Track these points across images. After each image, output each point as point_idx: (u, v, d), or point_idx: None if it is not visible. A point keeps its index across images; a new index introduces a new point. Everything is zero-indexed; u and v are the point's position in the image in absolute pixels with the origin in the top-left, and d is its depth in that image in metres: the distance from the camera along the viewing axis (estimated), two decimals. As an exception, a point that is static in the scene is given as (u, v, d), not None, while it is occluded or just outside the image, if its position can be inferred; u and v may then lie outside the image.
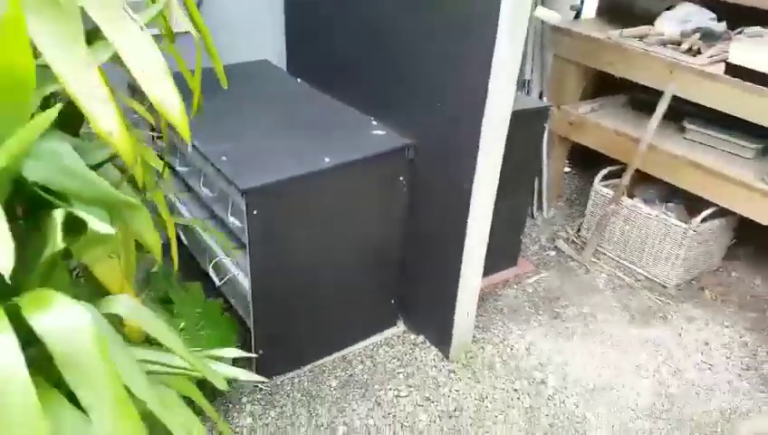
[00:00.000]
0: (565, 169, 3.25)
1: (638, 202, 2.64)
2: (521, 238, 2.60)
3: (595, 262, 2.72)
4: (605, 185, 2.73)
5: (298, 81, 2.42)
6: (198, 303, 1.89)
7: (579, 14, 3.00)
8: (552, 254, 2.78)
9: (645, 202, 2.66)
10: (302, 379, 2.03)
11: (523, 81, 2.80)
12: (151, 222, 0.94)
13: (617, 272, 2.67)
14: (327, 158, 1.78)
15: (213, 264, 1.99)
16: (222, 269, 1.97)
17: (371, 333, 2.21)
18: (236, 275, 1.91)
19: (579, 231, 2.92)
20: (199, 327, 1.79)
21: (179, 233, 2.19)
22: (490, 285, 2.47)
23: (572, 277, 2.63)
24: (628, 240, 2.67)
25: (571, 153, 3.11)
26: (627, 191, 2.63)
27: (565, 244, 2.82)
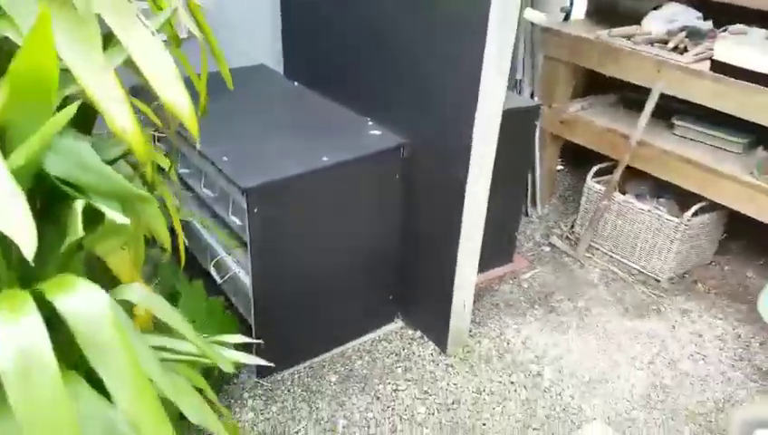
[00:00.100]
0: (558, 166, 3.28)
1: (629, 198, 2.68)
2: (516, 235, 2.64)
3: (589, 257, 2.77)
4: (597, 181, 2.76)
5: (295, 84, 2.47)
6: (201, 299, 1.93)
7: (568, 16, 3.05)
8: (547, 250, 2.83)
9: (637, 198, 2.70)
10: (302, 374, 2.06)
11: (515, 81, 2.85)
12: (161, 215, 0.98)
13: (610, 266, 2.71)
14: (325, 157, 1.82)
15: (214, 262, 2.03)
16: (223, 267, 2.01)
17: (370, 328, 2.25)
18: (237, 273, 1.95)
19: (572, 227, 2.96)
20: (204, 321, 1.83)
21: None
22: (486, 281, 2.51)
23: (567, 272, 2.67)
24: (621, 235, 2.72)
25: (563, 151, 3.15)
26: (619, 187, 2.67)
27: (559, 240, 2.86)
